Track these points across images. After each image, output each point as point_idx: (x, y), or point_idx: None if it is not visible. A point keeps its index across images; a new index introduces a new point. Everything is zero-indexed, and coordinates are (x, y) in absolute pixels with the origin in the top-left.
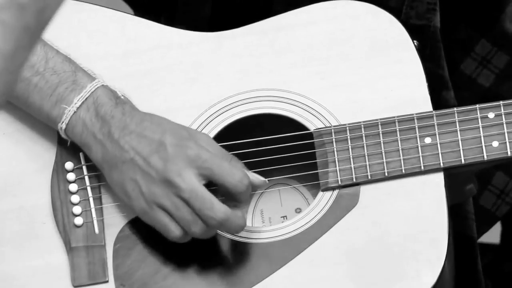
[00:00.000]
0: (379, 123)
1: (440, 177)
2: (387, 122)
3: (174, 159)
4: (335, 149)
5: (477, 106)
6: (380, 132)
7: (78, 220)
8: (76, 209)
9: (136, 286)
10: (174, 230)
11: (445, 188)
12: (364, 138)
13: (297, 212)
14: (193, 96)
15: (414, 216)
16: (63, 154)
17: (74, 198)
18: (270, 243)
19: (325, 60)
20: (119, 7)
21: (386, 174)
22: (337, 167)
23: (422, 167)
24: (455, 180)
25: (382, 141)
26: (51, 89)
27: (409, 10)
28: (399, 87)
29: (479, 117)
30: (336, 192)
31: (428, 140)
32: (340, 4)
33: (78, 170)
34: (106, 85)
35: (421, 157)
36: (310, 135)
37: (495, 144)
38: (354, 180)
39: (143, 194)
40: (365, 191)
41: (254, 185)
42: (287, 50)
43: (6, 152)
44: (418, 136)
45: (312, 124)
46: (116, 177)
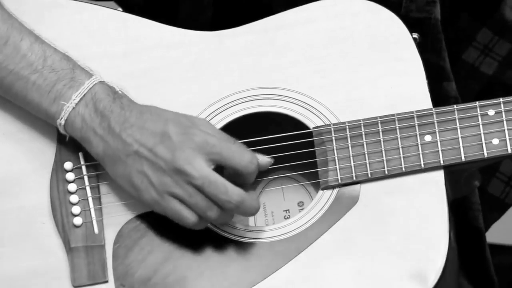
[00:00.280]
0: (379, 121)
1: (440, 175)
2: (387, 120)
3: (182, 148)
4: (335, 148)
5: (477, 104)
6: (380, 130)
7: (77, 220)
8: (75, 209)
9: (136, 286)
10: (189, 216)
11: (445, 186)
12: (364, 136)
13: (300, 206)
14: (193, 95)
15: (414, 215)
16: (63, 154)
17: (73, 198)
18: (271, 243)
19: (325, 58)
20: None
21: (386, 173)
22: (337, 166)
23: (422, 165)
24: (458, 176)
25: (382, 139)
26: (50, 86)
27: (409, 4)
28: (399, 85)
29: (479, 115)
30: (336, 191)
31: (428, 138)
32: (340, 2)
33: (77, 170)
34: (104, 81)
35: (421, 155)
36: (310, 134)
37: (495, 142)
38: (354, 179)
39: (153, 185)
40: (365, 190)
41: (261, 165)
42: (287, 49)
43: (6, 152)
44: (418, 134)
45: (312, 122)
46: (121, 171)
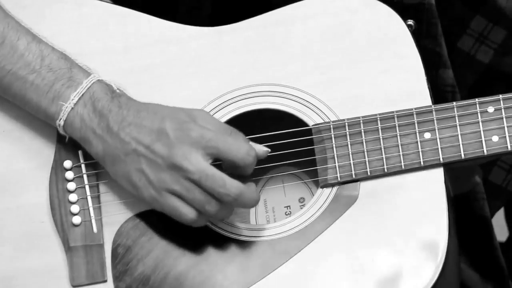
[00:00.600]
0: (378, 118)
1: (440, 173)
2: (386, 117)
3: (178, 144)
4: (334, 146)
5: (476, 101)
6: (379, 128)
7: (76, 219)
8: (74, 208)
9: (135, 285)
10: (188, 213)
11: (445, 183)
12: (363, 134)
13: (301, 202)
14: (192, 92)
15: (414, 212)
16: (62, 152)
17: (72, 197)
18: (270, 241)
19: (324, 55)
20: None
21: (386, 170)
22: (336, 164)
23: (422, 163)
24: (458, 173)
25: (381, 137)
26: (48, 86)
27: None
28: (398, 81)
29: (479, 112)
30: (336, 189)
31: (428, 135)
32: None
33: (77, 169)
34: (102, 80)
35: (421, 153)
36: (309, 131)
37: (495, 139)
38: (354, 177)
39: (151, 183)
40: (365, 188)
41: (259, 156)
42: (286, 45)
43: (5, 151)
44: (418, 131)
45: (311, 120)
46: (121, 170)
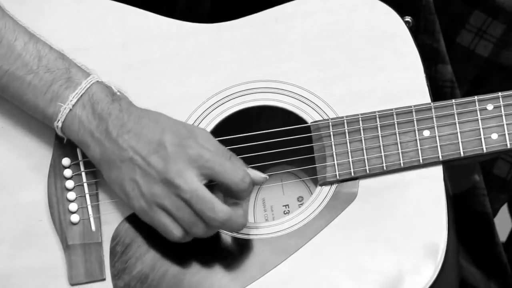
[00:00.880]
0: (377, 116)
1: (439, 170)
2: (385, 115)
3: (175, 159)
4: (333, 143)
5: (476, 98)
6: (378, 125)
7: (75, 217)
8: (73, 206)
9: (134, 283)
10: (174, 231)
11: (444, 181)
12: (362, 132)
13: (299, 201)
14: (191, 88)
15: (413, 210)
16: (61, 150)
17: (71, 195)
18: (270, 239)
19: (323, 52)
20: None
21: (385, 168)
22: (335, 161)
23: (421, 161)
24: (457, 171)
25: (380, 135)
26: (46, 87)
27: None
28: (397, 79)
29: (478, 109)
30: (335, 187)
31: (427, 133)
32: None
33: (75, 166)
34: (101, 81)
35: (420, 150)
36: (308, 128)
37: (494, 136)
38: (353, 175)
39: (143, 195)
40: (364, 185)
41: (255, 182)
42: (285, 42)
43: (3, 148)
44: (417, 129)
45: (310, 117)
46: (115, 176)
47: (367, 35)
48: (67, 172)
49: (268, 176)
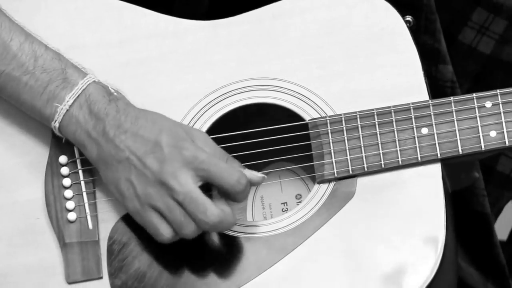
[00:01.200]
0: (375, 113)
1: (438, 168)
2: (383, 112)
3: (170, 160)
4: (331, 141)
5: (474, 95)
6: (376, 123)
7: (72, 216)
8: (70, 204)
9: (131, 282)
10: (165, 232)
11: (443, 179)
12: (360, 129)
13: (298, 199)
14: (188, 85)
15: (411, 208)
16: (58, 147)
17: (68, 193)
18: (267, 237)
19: (321, 49)
20: None
21: (383, 166)
22: (333, 159)
23: (419, 158)
24: (456, 168)
25: (378, 132)
26: (42, 88)
27: None
28: (395, 76)
29: (476, 107)
30: (333, 184)
31: (425, 131)
32: None
33: (72, 164)
34: (98, 81)
35: (418, 148)
36: (306, 126)
37: (493, 134)
38: (351, 172)
39: (138, 196)
40: (362, 183)
41: (252, 183)
42: (283, 39)
43: None
44: (415, 127)
45: (308, 114)
46: (111, 176)
47: (366, 32)
48: (64, 170)
49: (266, 176)
